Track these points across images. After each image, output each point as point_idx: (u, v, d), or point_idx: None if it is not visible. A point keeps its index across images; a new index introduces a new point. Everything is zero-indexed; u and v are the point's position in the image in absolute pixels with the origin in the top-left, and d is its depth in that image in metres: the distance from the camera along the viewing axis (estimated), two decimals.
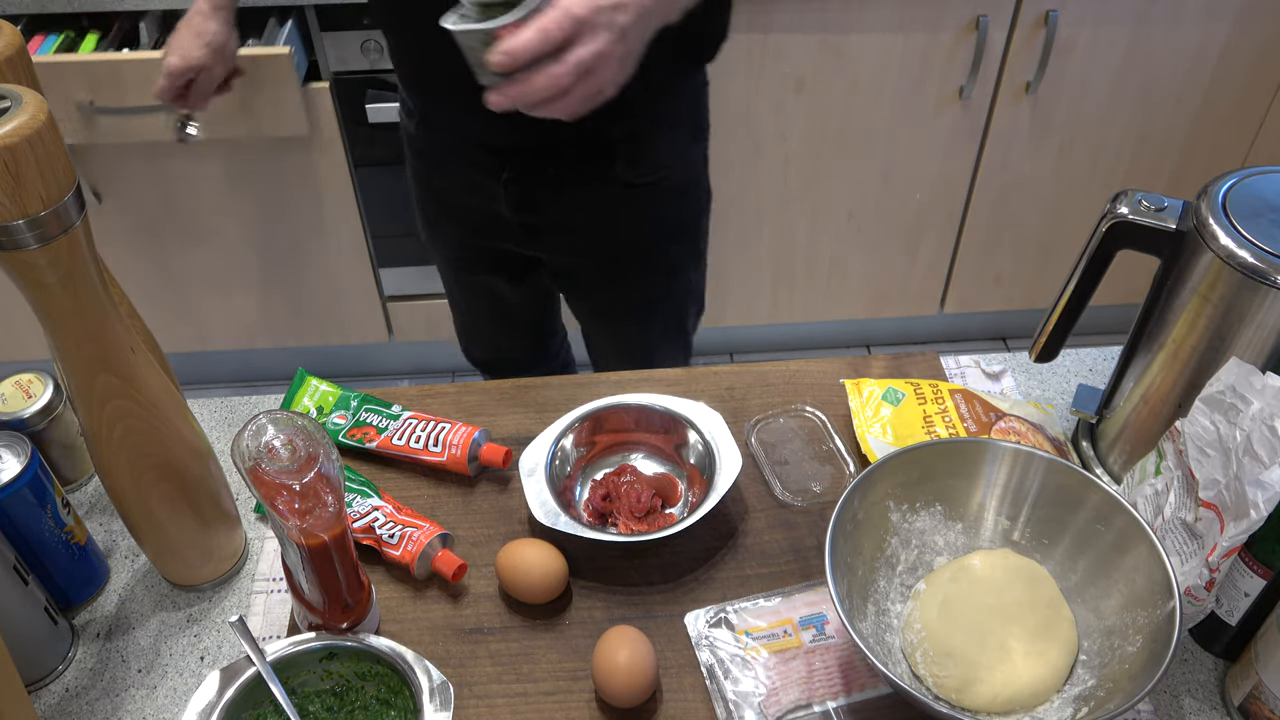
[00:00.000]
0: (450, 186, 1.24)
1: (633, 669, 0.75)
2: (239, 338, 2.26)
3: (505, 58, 0.76)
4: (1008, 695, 0.73)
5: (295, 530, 0.71)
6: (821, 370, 1.04)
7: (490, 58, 0.76)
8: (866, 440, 0.94)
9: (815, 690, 0.78)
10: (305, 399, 1.00)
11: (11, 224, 0.63)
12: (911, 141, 2.05)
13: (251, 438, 0.69)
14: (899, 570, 0.82)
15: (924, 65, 1.93)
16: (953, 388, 0.98)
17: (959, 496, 0.83)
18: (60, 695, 0.81)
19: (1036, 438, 0.92)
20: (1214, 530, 0.72)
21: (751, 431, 0.97)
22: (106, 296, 0.71)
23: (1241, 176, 0.81)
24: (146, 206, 2.02)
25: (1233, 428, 0.72)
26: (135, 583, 0.89)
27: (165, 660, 0.83)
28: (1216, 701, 0.79)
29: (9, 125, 0.61)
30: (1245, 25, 1.96)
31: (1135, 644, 0.72)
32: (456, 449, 0.93)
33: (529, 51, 0.76)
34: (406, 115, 1.25)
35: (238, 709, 0.72)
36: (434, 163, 1.25)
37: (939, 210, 2.18)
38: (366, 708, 0.75)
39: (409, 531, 0.86)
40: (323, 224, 2.06)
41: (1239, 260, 0.75)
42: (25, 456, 0.79)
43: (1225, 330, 0.79)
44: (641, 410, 0.95)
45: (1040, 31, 1.92)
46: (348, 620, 0.78)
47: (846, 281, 2.29)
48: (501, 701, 0.79)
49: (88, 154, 1.94)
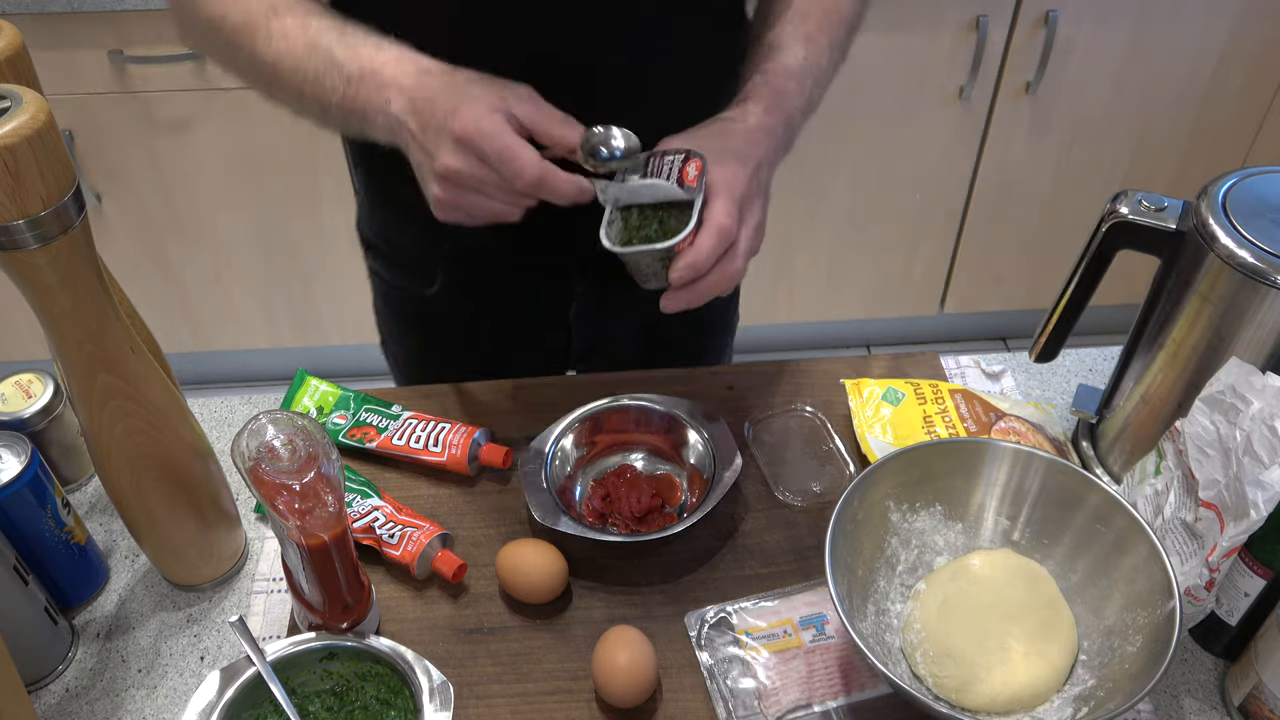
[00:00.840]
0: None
1: (633, 669, 0.75)
2: (239, 338, 2.26)
3: (689, 271, 0.74)
4: (1008, 695, 0.73)
5: (295, 530, 0.71)
6: (821, 370, 1.04)
7: (673, 275, 0.74)
8: (866, 440, 0.94)
9: (815, 690, 0.78)
10: (305, 399, 1.00)
11: (11, 224, 0.63)
12: (911, 141, 2.05)
13: (251, 438, 0.69)
14: (899, 570, 0.82)
15: (924, 65, 1.93)
16: (953, 388, 0.98)
17: (959, 496, 0.83)
18: (60, 695, 0.81)
19: (1036, 438, 0.92)
20: (1214, 530, 0.72)
21: (751, 431, 0.97)
22: (106, 296, 0.71)
23: (1241, 176, 0.81)
24: (146, 206, 2.02)
25: (1233, 428, 0.72)
26: (135, 583, 0.89)
27: (165, 660, 0.83)
28: (1216, 701, 0.79)
29: (9, 125, 0.61)
30: (1245, 25, 1.96)
31: (1135, 644, 0.72)
32: (456, 449, 0.93)
33: (711, 259, 0.74)
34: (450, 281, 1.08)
35: (238, 709, 0.72)
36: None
37: (939, 210, 2.18)
38: (366, 708, 0.75)
39: (409, 531, 0.86)
40: (323, 224, 2.06)
41: (1239, 260, 0.75)
42: (25, 456, 0.79)
43: (1225, 330, 0.79)
44: (641, 410, 0.95)
45: (1040, 31, 1.92)
46: (348, 620, 0.78)
47: (846, 281, 2.29)
48: (501, 701, 0.79)
49: (88, 154, 1.94)
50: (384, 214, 1.08)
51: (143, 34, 1.81)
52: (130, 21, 1.79)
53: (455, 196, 0.75)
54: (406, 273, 1.11)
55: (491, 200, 0.75)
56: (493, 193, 0.74)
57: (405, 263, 1.10)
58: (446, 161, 0.72)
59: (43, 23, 1.78)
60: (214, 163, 1.97)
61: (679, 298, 0.76)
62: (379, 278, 1.15)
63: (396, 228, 1.08)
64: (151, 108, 1.89)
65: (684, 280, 0.74)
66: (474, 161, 0.72)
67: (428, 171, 0.75)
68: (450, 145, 0.72)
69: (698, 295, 0.76)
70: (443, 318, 1.12)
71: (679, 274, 0.74)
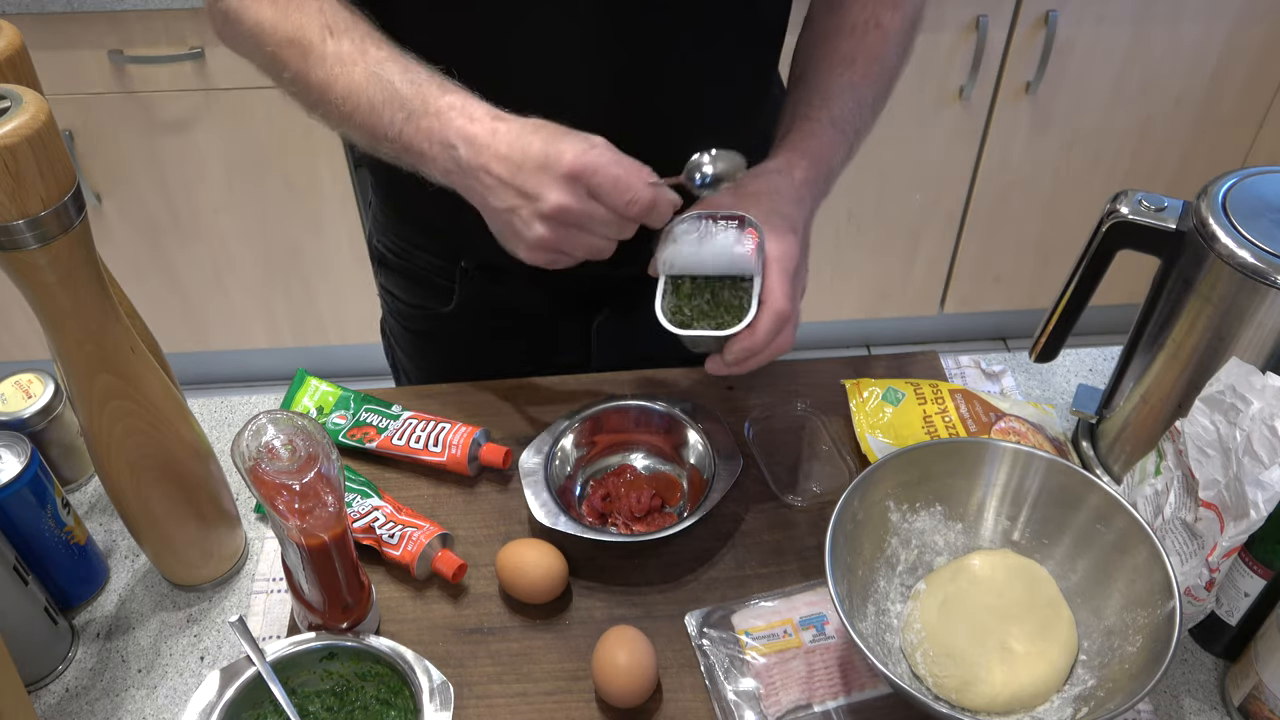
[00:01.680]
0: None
1: (633, 669, 0.75)
2: (239, 338, 2.27)
3: (745, 354, 0.78)
4: (1008, 695, 0.73)
5: (295, 530, 0.71)
6: (821, 370, 1.04)
7: (727, 357, 0.78)
8: (866, 440, 0.94)
9: (815, 690, 0.78)
10: (305, 399, 1.00)
11: (11, 224, 0.63)
12: (911, 141, 2.05)
13: (251, 438, 0.69)
14: (899, 570, 0.82)
15: (924, 65, 1.93)
16: (953, 388, 0.97)
17: (959, 496, 0.83)
18: (60, 695, 0.81)
19: (1036, 438, 0.92)
20: (1214, 530, 0.72)
21: (751, 431, 0.97)
22: (106, 296, 0.71)
23: (1241, 176, 0.81)
24: (146, 206, 2.02)
25: (1233, 428, 0.72)
26: (135, 583, 0.89)
27: (165, 660, 0.83)
28: (1216, 701, 0.79)
29: (9, 125, 0.61)
30: (1245, 25, 1.96)
31: (1135, 644, 0.72)
32: (456, 449, 0.93)
33: (769, 343, 0.78)
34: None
35: (238, 709, 0.72)
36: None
37: (939, 210, 2.18)
38: (366, 708, 0.75)
39: (409, 531, 0.86)
40: (322, 224, 2.06)
41: (1239, 260, 0.75)
42: (25, 456, 0.79)
43: (1225, 330, 0.79)
44: (641, 410, 0.95)
45: (1040, 31, 1.92)
46: (348, 620, 0.78)
47: (846, 281, 2.29)
48: (501, 701, 0.79)
49: (88, 154, 1.94)
50: (402, 229, 1.07)
51: (143, 34, 1.81)
52: (130, 21, 1.79)
53: (560, 236, 0.74)
54: (423, 290, 1.09)
55: (593, 236, 0.75)
56: (598, 227, 0.74)
57: (422, 280, 1.08)
58: (556, 199, 0.72)
59: (43, 23, 1.78)
60: (214, 163, 1.97)
61: (727, 369, 0.80)
62: (391, 295, 1.14)
63: (415, 244, 1.07)
64: (151, 108, 1.89)
65: (739, 361, 0.78)
66: (583, 197, 0.72)
67: (529, 214, 0.73)
68: (559, 183, 0.72)
69: (746, 368, 0.79)
70: (459, 336, 1.11)
71: (735, 357, 0.78)
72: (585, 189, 0.72)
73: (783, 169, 0.85)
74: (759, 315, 0.77)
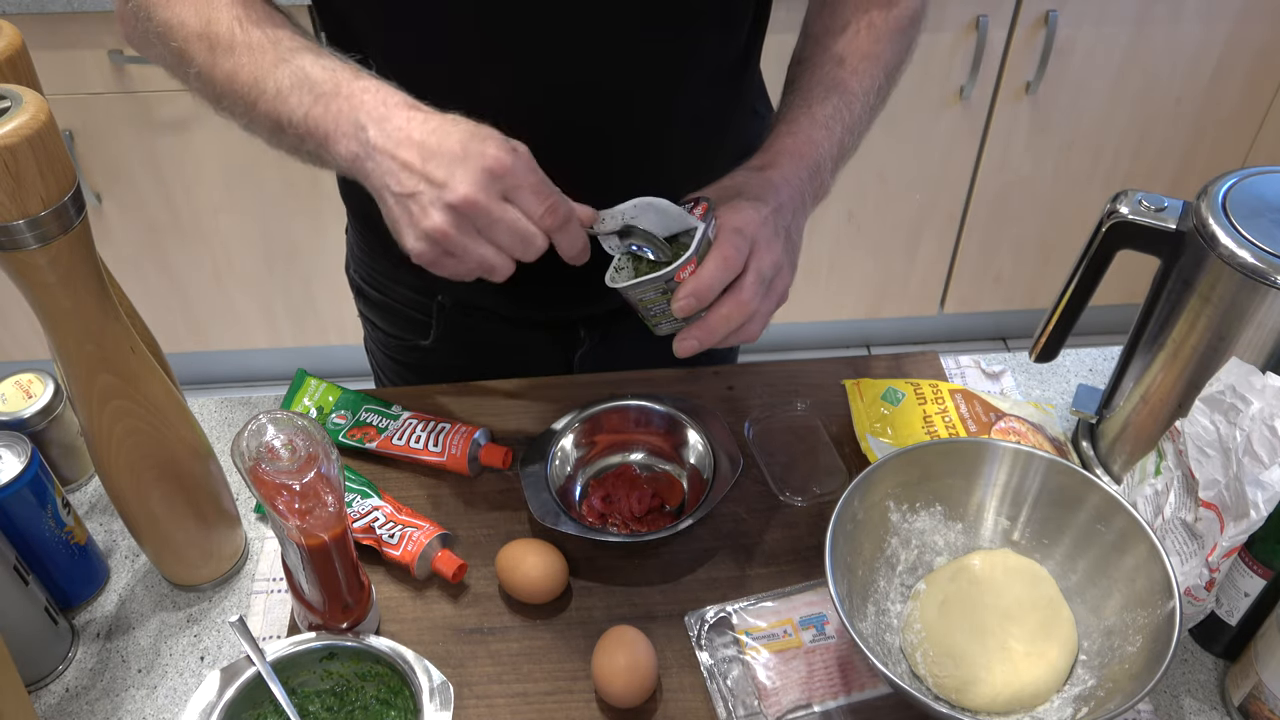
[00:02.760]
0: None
1: (633, 669, 0.75)
2: (239, 338, 2.27)
3: (692, 300, 0.72)
4: (1008, 695, 0.73)
5: (295, 530, 0.71)
6: (821, 370, 1.04)
7: (675, 304, 0.72)
8: (866, 440, 0.94)
9: (815, 690, 0.78)
10: (305, 399, 1.00)
11: (11, 224, 0.63)
12: (912, 141, 2.05)
13: (251, 438, 0.69)
14: (899, 570, 0.82)
15: (924, 65, 1.93)
16: (953, 388, 0.98)
17: (959, 496, 0.83)
18: (60, 695, 0.81)
19: (1036, 438, 0.92)
20: (1214, 530, 0.72)
21: (751, 431, 0.97)
22: (106, 296, 0.71)
23: (1241, 176, 0.81)
24: (146, 206, 2.02)
25: (1233, 428, 0.72)
26: (135, 583, 0.89)
27: (165, 660, 0.83)
28: (1216, 701, 0.79)
29: (9, 125, 0.61)
30: (1245, 25, 1.96)
31: (1135, 644, 0.72)
32: (456, 449, 0.93)
33: (714, 286, 0.72)
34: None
35: (238, 709, 0.72)
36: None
37: (939, 210, 2.18)
38: (366, 708, 0.75)
39: (409, 531, 0.86)
40: (323, 224, 2.06)
41: (1239, 260, 0.75)
42: (25, 456, 0.79)
43: (1225, 330, 0.79)
44: (641, 410, 0.95)
45: (1040, 31, 1.92)
46: (348, 620, 0.78)
47: (846, 281, 2.29)
48: (501, 701, 0.79)
49: (88, 154, 1.94)
50: (378, 264, 1.06)
51: None
52: None
53: (457, 233, 0.68)
54: (401, 322, 1.08)
55: (489, 248, 0.69)
56: (501, 235, 0.68)
57: (398, 314, 1.07)
58: (465, 191, 0.66)
59: (43, 23, 1.78)
60: (214, 163, 1.97)
61: (690, 335, 0.74)
62: (372, 324, 1.13)
63: (391, 278, 1.05)
64: (151, 108, 1.89)
65: (688, 309, 0.72)
66: (496, 197, 0.67)
67: (429, 200, 0.67)
68: (473, 175, 0.66)
69: (709, 331, 0.73)
70: (438, 366, 1.09)
71: (682, 303, 0.72)
72: (500, 190, 0.67)
73: (755, 166, 0.82)
74: (707, 257, 0.72)
